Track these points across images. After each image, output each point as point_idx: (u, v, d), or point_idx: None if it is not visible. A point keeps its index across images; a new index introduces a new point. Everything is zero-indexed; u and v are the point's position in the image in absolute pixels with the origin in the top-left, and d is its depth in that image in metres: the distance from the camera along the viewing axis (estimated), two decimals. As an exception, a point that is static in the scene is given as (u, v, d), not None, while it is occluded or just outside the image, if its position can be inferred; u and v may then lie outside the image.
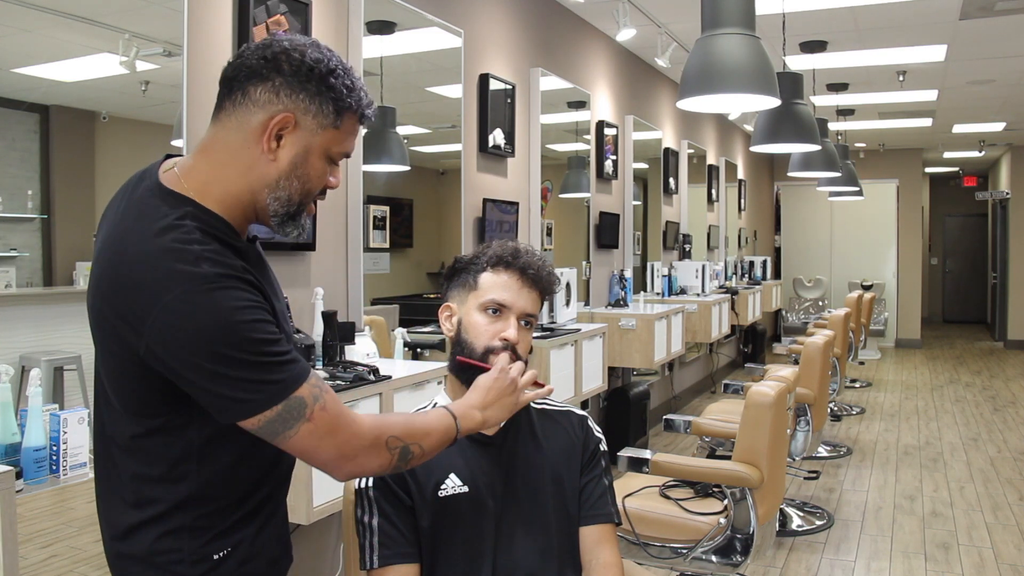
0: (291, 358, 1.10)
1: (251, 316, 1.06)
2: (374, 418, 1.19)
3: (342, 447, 1.12)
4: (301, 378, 1.09)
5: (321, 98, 1.12)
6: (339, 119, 1.14)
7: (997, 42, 5.60)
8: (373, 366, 2.43)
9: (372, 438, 1.15)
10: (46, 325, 2.18)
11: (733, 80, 2.60)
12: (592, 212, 5.23)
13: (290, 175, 1.14)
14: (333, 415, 1.11)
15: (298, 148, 1.13)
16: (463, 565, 1.42)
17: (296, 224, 1.19)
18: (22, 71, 2.19)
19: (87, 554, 2.20)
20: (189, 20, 2.36)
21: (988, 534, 4.01)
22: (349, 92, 1.14)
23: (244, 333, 1.05)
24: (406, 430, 1.19)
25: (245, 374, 1.05)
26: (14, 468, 1.58)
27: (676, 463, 2.64)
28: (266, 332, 1.07)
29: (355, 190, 3.03)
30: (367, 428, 1.15)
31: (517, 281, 1.48)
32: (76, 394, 2.17)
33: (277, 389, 1.07)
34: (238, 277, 1.08)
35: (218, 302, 1.04)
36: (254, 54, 1.13)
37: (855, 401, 7.44)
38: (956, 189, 14.43)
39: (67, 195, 2.22)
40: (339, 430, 1.12)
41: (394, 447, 1.16)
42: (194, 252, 1.05)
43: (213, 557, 1.16)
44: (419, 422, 1.23)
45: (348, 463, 1.14)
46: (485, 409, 1.31)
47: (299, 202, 1.17)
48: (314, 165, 1.15)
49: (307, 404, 1.09)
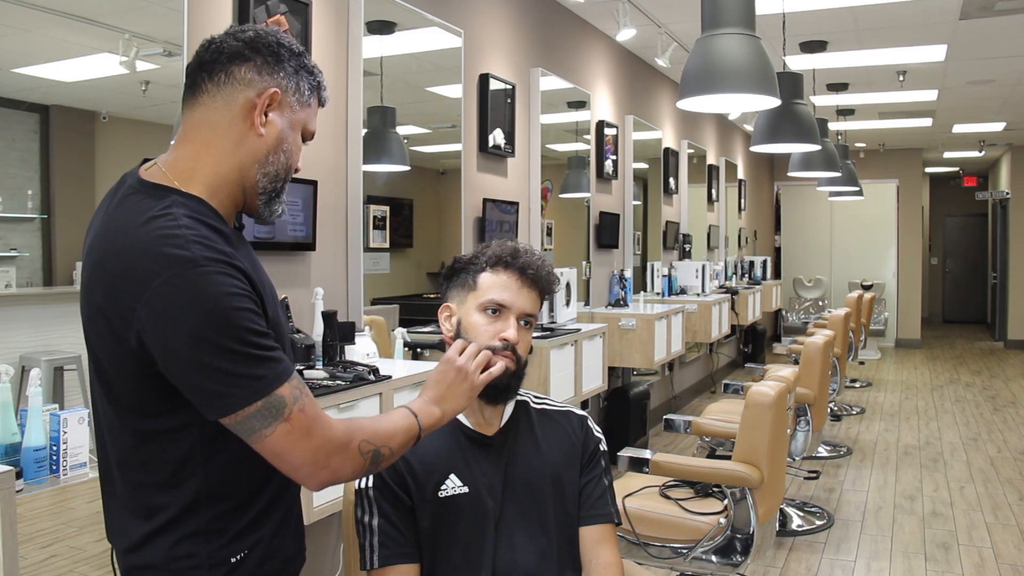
0: (275, 356, 1.09)
1: (239, 304, 1.06)
2: (344, 422, 1.17)
3: (316, 451, 1.10)
4: (283, 376, 1.08)
5: (298, 76, 1.19)
6: (312, 96, 1.21)
7: (997, 42, 5.60)
8: (373, 366, 2.43)
9: (344, 442, 1.13)
10: (46, 325, 2.18)
11: (733, 80, 2.60)
12: (592, 212, 5.23)
13: (277, 149, 1.18)
14: (310, 417, 1.10)
15: (283, 123, 1.18)
16: (463, 565, 1.42)
17: (279, 202, 1.22)
18: (22, 71, 2.19)
19: (87, 554, 2.20)
20: (189, 20, 2.36)
21: (988, 534, 4.01)
22: (317, 73, 1.22)
23: (231, 319, 1.04)
24: (374, 432, 1.18)
25: (228, 366, 1.04)
26: (14, 468, 1.57)
27: (676, 463, 2.64)
28: (252, 322, 1.07)
29: (355, 190, 3.03)
30: (340, 432, 1.13)
31: (516, 281, 1.48)
32: (76, 394, 2.17)
33: (260, 385, 1.06)
34: (227, 263, 1.07)
35: (206, 286, 1.03)
36: (229, 38, 1.16)
37: (855, 401, 7.44)
38: (956, 189, 14.43)
39: (67, 195, 2.22)
40: (315, 433, 1.10)
41: (366, 451, 1.15)
42: (183, 236, 1.05)
43: (231, 560, 1.16)
44: (385, 424, 1.22)
45: (320, 470, 1.11)
46: (441, 403, 1.29)
47: (284, 178, 1.21)
48: (295, 141, 1.20)
49: (287, 404, 1.07)
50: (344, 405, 2.25)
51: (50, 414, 1.78)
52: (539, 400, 1.59)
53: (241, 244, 1.20)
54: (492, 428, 1.49)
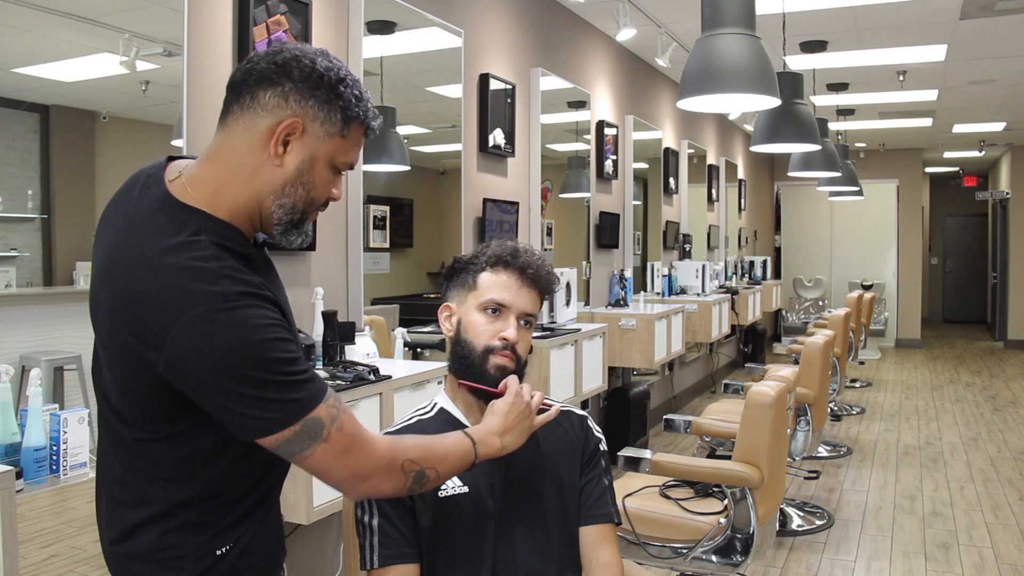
0: (310, 376, 1.09)
1: (272, 335, 1.06)
2: (391, 440, 1.19)
3: (357, 468, 1.12)
4: (318, 397, 1.09)
5: (330, 106, 1.11)
6: (346, 128, 1.13)
7: (997, 42, 5.60)
8: (373, 366, 2.43)
9: (387, 461, 1.15)
10: (46, 325, 2.18)
11: (733, 80, 2.60)
12: (592, 212, 5.23)
13: (295, 182, 1.13)
14: (349, 436, 1.11)
15: (304, 155, 1.12)
16: (463, 565, 1.42)
17: (299, 232, 1.18)
18: (22, 71, 2.19)
19: (87, 554, 2.20)
20: (189, 20, 2.36)
21: (988, 534, 4.01)
22: (357, 102, 1.14)
23: (265, 353, 1.04)
24: (423, 454, 1.20)
25: (265, 393, 1.04)
26: (14, 468, 1.58)
27: (676, 463, 2.64)
28: (286, 351, 1.07)
29: (355, 190, 3.03)
30: (382, 450, 1.15)
31: (516, 281, 1.48)
32: (76, 394, 2.17)
33: (296, 408, 1.06)
34: (256, 295, 1.07)
35: (238, 322, 1.03)
36: (264, 59, 1.12)
37: (855, 401, 7.44)
38: (956, 189, 14.43)
39: (67, 195, 2.22)
40: (354, 451, 1.12)
41: (409, 471, 1.17)
42: (211, 270, 1.04)
43: (216, 553, 1.16)
44: (437, 446, 1.23)
45: (362, 484, 1.14)
46: (504, 435, 1.32)
47: (303, 210, 1.16)
48: (319, 173, 1.14)
49: (324, 424, 1.08)
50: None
51: (50, 414, 1.78)
52: (539, 400, 1.59)
53: (265, 267, 1.20)
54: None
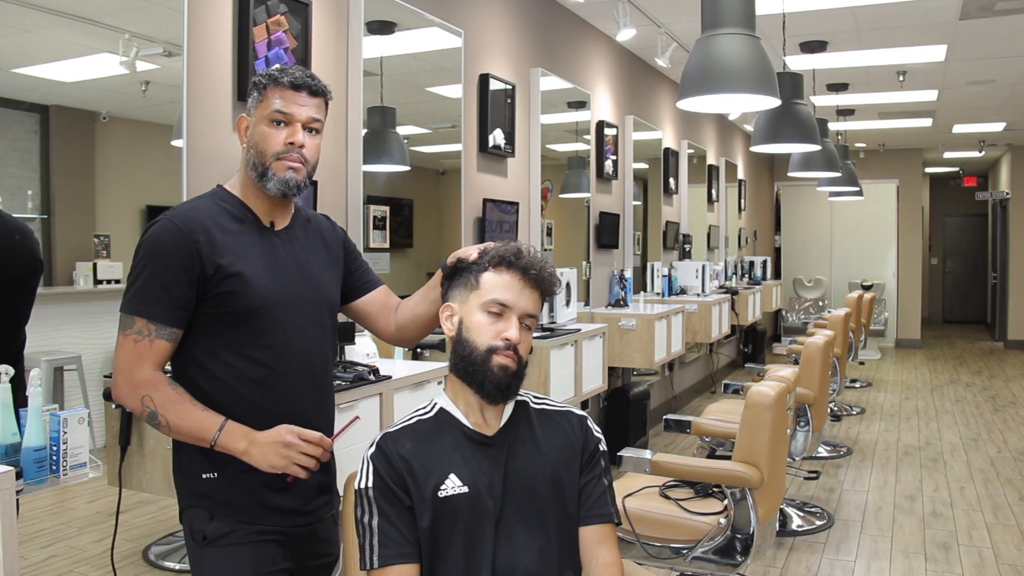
0: (141, 296, 1.50)
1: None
2: (158, 376, 1.49)
3: (118, 367, 1.50)
4: (139, 313, 1.49)
5: (253, 91, 1.61)
6: (261, 94, 1.58)
7: (997, 42, 5.60)
8: (373, 366, 2.43)
9: (135, 385, 1.49)
10: (46, 325, 2.18)
11: (733, 80, 2.60)
12: (592, 212, 5.23)
13: (250, 147, 1.60)
14: (136, 349, 1.48)
15: (252, 129, 1.61)
16: (463, 565, 1.42)
17: (268, 179, 1.58)
18: (22, 71, 2.19)
19: (87, 554, 2.20)
20: (189, 20, 2.36)
21: (988, 534, 4.01)
22: (265, 73, 1.59)
23: (136, 254, 1.53)
24: (166, 401, 1.48)
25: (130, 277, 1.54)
26: (14, 468, 1.57)
27: (676, 463, 2.64)
28: (140, 262, 1.52)
29: (355, 190, 3.03)
30: (141, 377, 1.48)
31: (519, 281, 1.48)
32: (76, 394, 2.17)
33: (124, 302, 1.52)
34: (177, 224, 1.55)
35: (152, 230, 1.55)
36: None
37: (855, 401, 7.44)
38: (956, 189, 14.43)
39: (67, 195, 2.22)
40: (127, 363, 1.49)
41: (147, 406, 1.49)
42: (191, 206, 1.63)
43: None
44: (186, 408, 1.49)
45: (114, 386, 1.51)
46: (253, 444, 1.50)
47: (262, 164, 1.58)
48: (261, 131, 1.58)
49: (130, 327, 1.49)
50: (344, 405, 2.25)
51: (50, 414, 1.78)
52: (539, 400, 1.59)
53: (252, 232, 1.61)
54: (492, 428, 1.49)
